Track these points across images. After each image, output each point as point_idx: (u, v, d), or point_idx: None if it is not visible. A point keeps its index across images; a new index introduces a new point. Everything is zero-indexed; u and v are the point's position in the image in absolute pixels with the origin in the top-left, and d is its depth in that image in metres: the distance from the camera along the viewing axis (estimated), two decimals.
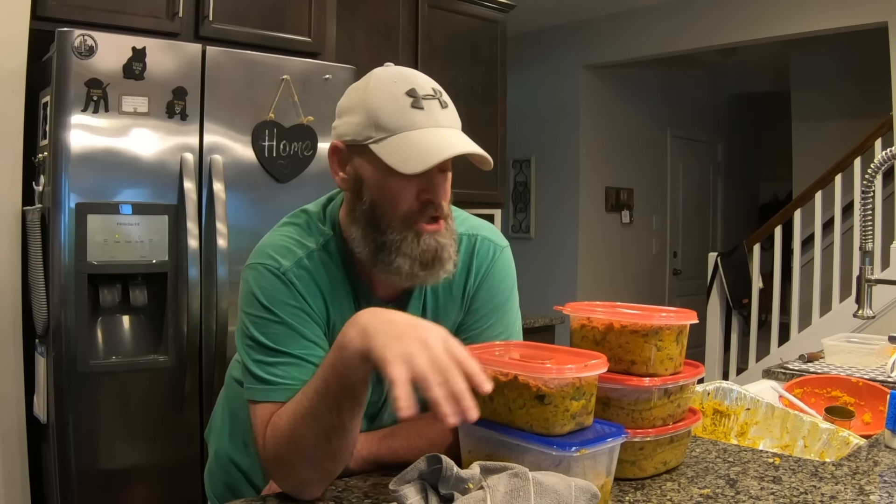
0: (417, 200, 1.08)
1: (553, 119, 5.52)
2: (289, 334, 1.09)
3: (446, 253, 1.10)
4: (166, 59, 2.15)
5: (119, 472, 2.11)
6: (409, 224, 1.08)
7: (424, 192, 1.07)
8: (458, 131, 1.08)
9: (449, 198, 1.12)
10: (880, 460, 1.22)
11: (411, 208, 1.08)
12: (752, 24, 4.55)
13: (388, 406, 1.23)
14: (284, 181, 2.36)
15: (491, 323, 1.23)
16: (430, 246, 1.08)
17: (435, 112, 1.06)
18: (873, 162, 1.73)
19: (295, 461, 1.02)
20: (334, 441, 1.00)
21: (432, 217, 1.09)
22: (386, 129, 1.05)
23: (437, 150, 1.02)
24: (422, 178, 1.06)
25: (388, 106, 1.05)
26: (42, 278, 2.05)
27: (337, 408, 0.98)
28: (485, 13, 3.75)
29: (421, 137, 1.04)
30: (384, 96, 1.06)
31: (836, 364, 2.07)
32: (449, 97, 1.12)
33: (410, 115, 1.05)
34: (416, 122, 1.04)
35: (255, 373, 1.09)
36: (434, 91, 1.08)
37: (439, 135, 1.05)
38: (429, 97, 1.06)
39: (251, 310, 1.12)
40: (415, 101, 1.05)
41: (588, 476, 0.98)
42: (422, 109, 1.05)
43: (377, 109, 1.06)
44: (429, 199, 1.08)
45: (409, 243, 1.07)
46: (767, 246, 4.74)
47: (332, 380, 0.97)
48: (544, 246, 5.56)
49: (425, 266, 1.08)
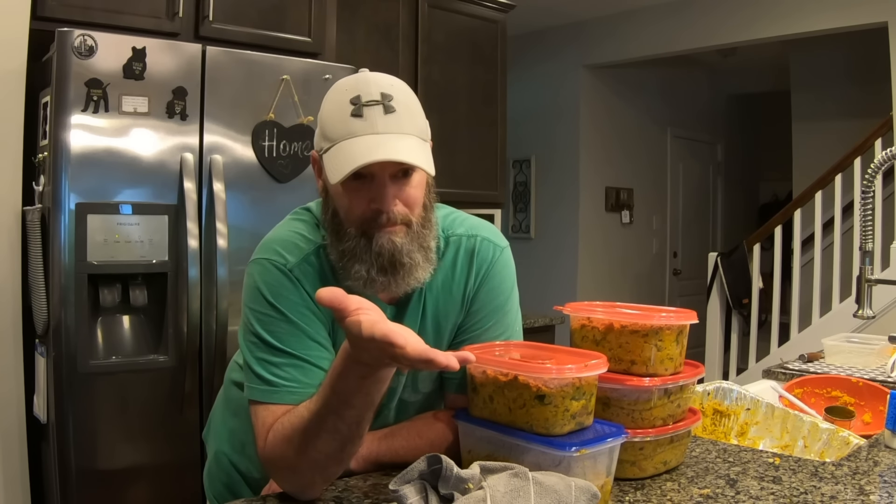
0: (369, 209, 1.06)
1: (553, 119, 5.52)
2: (294, 333, 1.08)
3: (407, 258, 1.07)
4: (166, 59, 2.15)
5: (119, 472, 2.11)
6: (364, 231, 1.07)
7: (373, 201, 1.05)
8: (400, 136, 1.03)
9: (416, 203, 1.09)
10: (880, 460, 1.22)
11: (364, 216, 1.06)
12: (752, 24, 4.55)
13: (390, 404, 1.23)
14: (284, 181, 2.36)
15: (492, 324, 1.22)
16: (385, 248, 1.06)
17: (374, 119, 1.03)
18: (873, 162, 1.73)
19: (302, 467, 1.01)
20: (348, 448, 1.01)
21: (386, 226, 1.06)
22: (329, 139, 1.05)
23: (357, 159, 1.00)
24: (371, 187, 1.05)
25: (332, 115, 1.06)
26: (42, 278, 2.05)
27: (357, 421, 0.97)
28: (485, 13, 3.75)
29: (353, 146, 1.02)
30: (332, 106, 1.07)
31: (836, 364, 2.07)
32: (410, 100, 1.08)
33: (349, 123, 1.03)
34: (353, 130, 1.03)
35: (258, 372, 1.08)
36: (382, 96, 1.04)
37: (371, 142, 1.02)
38: (372, 103, 1.03)
39: (256, 306, 1.10)
40: (355, 108, 1.03)
41: (588, 476, 0.99)
42: (360, 117, 1.03)
43: (325, 120, 1.07)
44: (377, 208, 1.05)
45: (363, 248, 1.06)
46: (767, 246, 4.74)
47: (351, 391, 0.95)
48: (544, 246, 5.56)
49: (383, 271, 1.06)
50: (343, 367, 0.94)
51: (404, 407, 1.24)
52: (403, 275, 1.07)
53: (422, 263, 1.09)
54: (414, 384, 1.23)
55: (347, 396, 0.95)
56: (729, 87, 6.78)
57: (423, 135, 1.08)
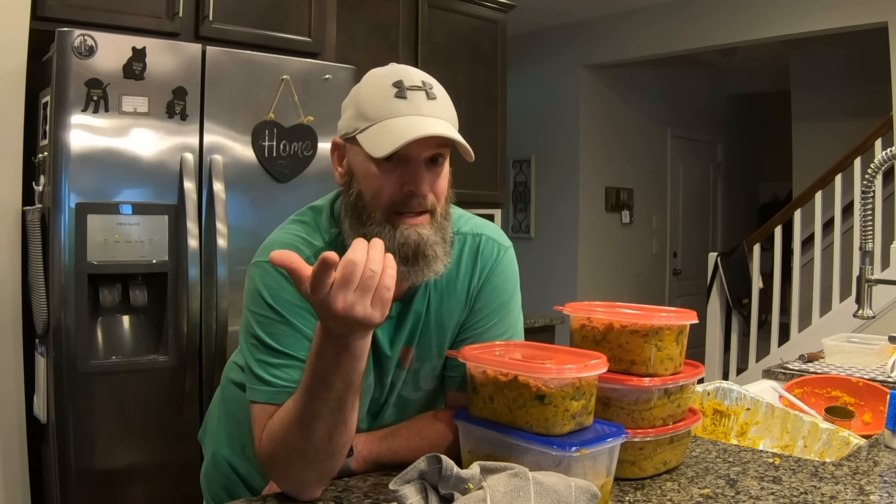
0: (401, 192, 1.06)
1: (553, 119, 5.52)
2: (293, 335, 1.09)
3: (431, 250, 1.07)
4: (166, 59, 2.15)
5: (119, 471, 2.11)
6: (390, 215, 1.07)
7: (407, 184, 1.06)
8: (443, 122, 1.06)
9: (442, 193, 1.10)
10: (880, 460, 1.22)
11: (393, 198, 1.06)
12: (752, 24, 4.55)
13: (390, 400, 1.23)
14: (284, 181, 2.36)
15: (494, 322, 1.22)
16: (410, 239, 1.06)
17: (419, 102, 1.05)
18: (873, 162, 1.73)
19: (294, 462, 1.01)
20: (336, 438, 0.99)
21: (415, 211, 1.07)
22: (369, 119, 1.05)
23: (406, 133, 1.01)
24: (406, 169, 1.06)
25: (373, 97, 1.07)
26: (42, 278, 2.05)
27: (339, 405, 0.97)
28: (485, 13, 3.75)
29: (398, 124, 1.03)
30: (372, 89, 1.08)
31: (836, 364, 2.07)
32: (445, 93, 1.11)
33: (393, 104, 1.05)
34: (398, 110, 1.05)
35: (257, 373, 1.09)
36: (423, 83, 1.08)
37: (417, 121, 1.04)
38: (415, 88, 1.06)
39: (256, 308, 1.11)
40: (399, 91, 1.05)
41: (588, 476, 0.99)
42: (405, 99, 1.05)
43: (364, 101, 1.07)
44: (411, 190, 1.06)
45: (388, 235, 1.05)
46: (767, 246, 4.74)
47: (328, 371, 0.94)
48: (544, 246, 5.56)
49: (406, 261, 1.06)
50: (318, 346, 0.94)
51: (405, 405, 1.24)
52: (423, 266, 1.07)
53: (441, 256, 1.10)
54: (415, 381, 1.23)
55: (326, 376, 0.95)
56: (729, 87, 6.78)
57: (456, 125, 1.11)
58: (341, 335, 0.91)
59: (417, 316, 1.18)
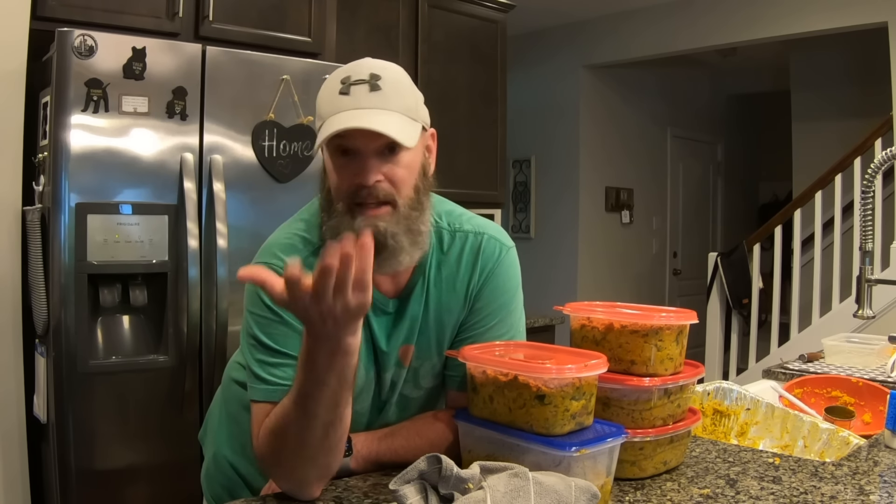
0: (353, 184, 1.07)
1: (553, 119, 5.52)
2: (289, 335, 1.10)
3: (391, 240, 1.07)
4: (166, 59, 2.15)
5: (119, 471, 2.11)
6: (351, 207, 1.09)
7: (356, 176, 1.07)
8: (384, 111, 1.05)
9: (403, 182, 1.09)
10: (880, 460, 1.22)
11: (349, 190, 1.08)
12: (752, 24, 4.55)
13: (392, 398, 1.23)
14: (284, 181, 2.36)
15: (495, 322, 1.23)
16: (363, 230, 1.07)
17: (360, 96, 1.06)
18: (873, 162, 1.73)
19: (292, 460, 1.01)
20: (332, 434, 1.00)
21: (372, 202, 1.07)
22: (321, 117, 1.09)
23: (332, 129, 1.03)
24: (355, 162, 1.07)
25: (323, 95, 1.10)
26: (42, 278, 2.05)
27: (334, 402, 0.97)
28: (485, 13, 3.75)
29: (336, 120, 1.05)
30: (324, 88, 1.11)
31: (836, 364, 2.07)
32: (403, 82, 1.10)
33: (337, 101, 1.07)
34: (340, 106, 1.06)
35: (256, 372, 1.10)
36: (370, 76, 1.08)
37: (353, 115, 1.05)
38: (359, 82, 1.07)
39: (255, 309, 1.12)
40: (343, 87, 1.07)
41: (588, 476, 0.99)
42: (347, 95, 1.07)
43: (318, 100, 1.11)
44: (358, 182, 1.07)
45: (346, 225, 1.06)
46: (767, 246, 4.74)
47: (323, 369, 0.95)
48: (544, 246, 5.56)
49: None
50: (309, 348, 0.95)
51: (406, 403, 1.25)
52: (386, 257, 1.07)
53: (408, 248, 1.10)
54: (415, 380, 1.23)
55: (320, 374, 0.95)
56: (729, 87, 6.78)
57: (412, 113, 1.10)
58: (331, 335, 0.92)
59: (416, 314, 1.19)
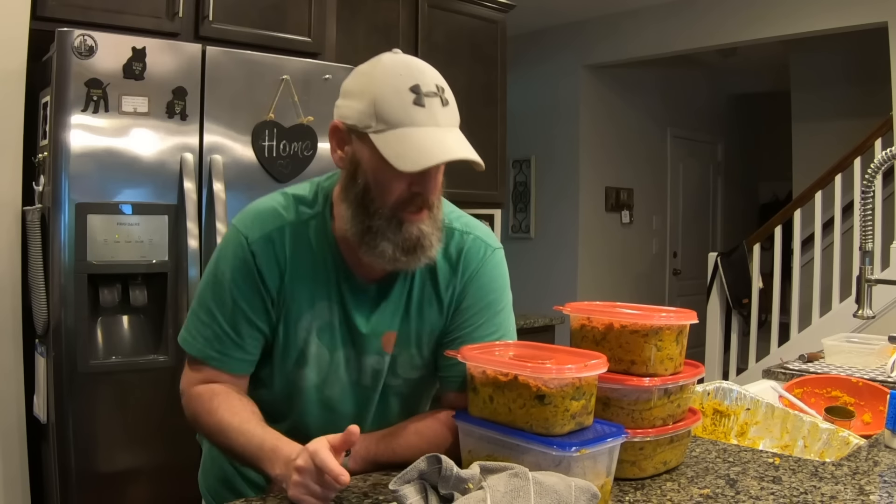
0: (408, 191, 1.11)
1: (553, 119, 5.52)
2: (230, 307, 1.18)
3: (427, 241, 1.13)
4: (166, 59, 2.15)
5: (119, 472, 2.11)
6: (396, 212, 1.11)
7: (416, 185, 1.10)
8: (456, 130, 1.10)
9: (439, 190, 1.15)
10: (880, 460, 1.22)
11: (401, 198, 1.11)
12: (752, 24, 4.55)
13: (377, 386, 1.25)
14: (284, 181, 2.36)
15: (482, 322, 1.23)
16: (413, 234, 1.11)
17: (435, 110, 1.07)
18: (873, 162, 1.73)
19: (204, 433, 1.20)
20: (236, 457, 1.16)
21: (417, 207, 1.12)
22: (386, 122, 1.06)
23: (432, 153, 1.04)
24: (415, 173, 1.08)
25: (390, 99, 1.07)
26: (42, 278, 2.05)
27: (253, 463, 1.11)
28: (485, 13, 3.75)
29: (419, 136, 1.05)
30: (388, 89, 1.08)
31: (836, 364, 2.07)
32: (451, 92, 1.13)
33: (412, 111, 1.06)
34: (417, 119, 1.06)
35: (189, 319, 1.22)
36: (437, 88, 1.09)
37: (437, 135, 1.06)
38: (431, 94, 1.07)
39: (215, 263, 1.23)
40: (417, 97, 1.06)
41: (588, 476, 0.99)
42: (423, 107, 1.06)
43: (380, 101, 1.07)
44: (418, 192, 1.11)
45: (394, 230, 1.11)
46: (767, 246, 4.74)
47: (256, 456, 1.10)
48: (544, 246, 5.56)
49: (407, 252, 1.12)
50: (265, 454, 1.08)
51: (386, 390, 1.27)
52: (420, 255, 1.13)
53: (435, 244, 1.15)
54: (392, 367, 1.25)
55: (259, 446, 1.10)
56: (729, 87, 6.78)
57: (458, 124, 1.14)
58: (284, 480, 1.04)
59: (398, 300, 1.21)
